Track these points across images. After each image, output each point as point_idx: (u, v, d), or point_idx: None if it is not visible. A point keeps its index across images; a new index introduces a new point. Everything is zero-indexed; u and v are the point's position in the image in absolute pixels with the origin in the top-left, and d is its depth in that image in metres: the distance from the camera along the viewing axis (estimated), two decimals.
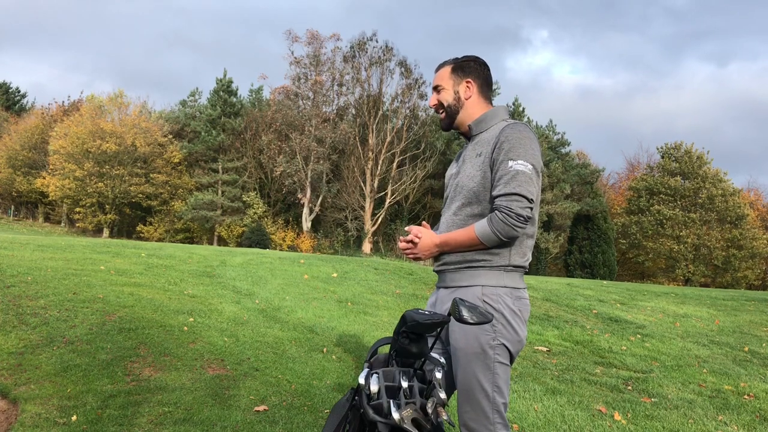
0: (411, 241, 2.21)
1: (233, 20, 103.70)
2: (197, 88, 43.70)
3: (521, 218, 1.98)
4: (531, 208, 2.01)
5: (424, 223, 2.30)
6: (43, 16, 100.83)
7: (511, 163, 2.01)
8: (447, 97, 2.26)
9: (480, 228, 2.03)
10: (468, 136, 2.27)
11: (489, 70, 2.29)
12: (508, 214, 1.98)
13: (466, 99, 2.24)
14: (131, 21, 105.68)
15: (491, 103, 2.29)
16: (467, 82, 2.24)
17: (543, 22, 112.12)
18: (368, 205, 35.78)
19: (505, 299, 2.06)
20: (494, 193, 2.04)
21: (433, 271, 2.29)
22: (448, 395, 2.24)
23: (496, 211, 2.01)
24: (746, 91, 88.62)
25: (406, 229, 2.27)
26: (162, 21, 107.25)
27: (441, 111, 2.29)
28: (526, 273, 2.26)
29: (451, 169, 2.35)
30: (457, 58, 2.28)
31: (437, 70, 2.30)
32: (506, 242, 2.04)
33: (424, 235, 2.19)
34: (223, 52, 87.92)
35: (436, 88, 2.29)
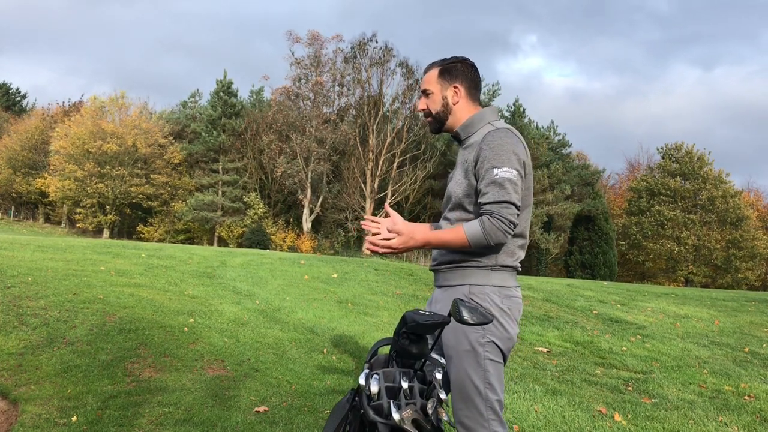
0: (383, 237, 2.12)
1: (229, 25, 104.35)
2: (198, 90, 43.83)
3: (512, 225, 2.00)
4: (518, 215, 2.04)
5: (389, 210, 2.21)
6: (42, 21, 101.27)
7: (496, 170, 2.02)
8: (435, 104, 2.26)
9: (471, 230, 2.02)
10: (458, 140, 2.28)
11: (477, 71, 2.28)
12: (501, 221, 1.99)
13: (454, 104, 2.24)
14: (129, 26, 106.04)
15: (479, 105, 2.28)
16: (454, 87, 2.23)
17: (533, 28, 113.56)
18: (368, 206, 35.78)
19: (493, 297, 2.08)
20: (483, 200, 2.03)
21: (429, 269, 2.29)
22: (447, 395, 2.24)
23: (488, 217, 2.00)
24: (734, 94, 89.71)
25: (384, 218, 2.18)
26: (159, 26, 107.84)
27: (428, 117, 2.30)
28: (525, 272, 2.26)
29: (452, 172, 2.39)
30: (444, 60, 2.27)
31: (425, 72, 2.31)
32: (492, 247, 2.05)
33: (402, 228, 2.09)
34: (219, 57, 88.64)
35: (425, 92, 2.29)
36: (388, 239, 2.10)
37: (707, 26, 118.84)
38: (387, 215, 2.23)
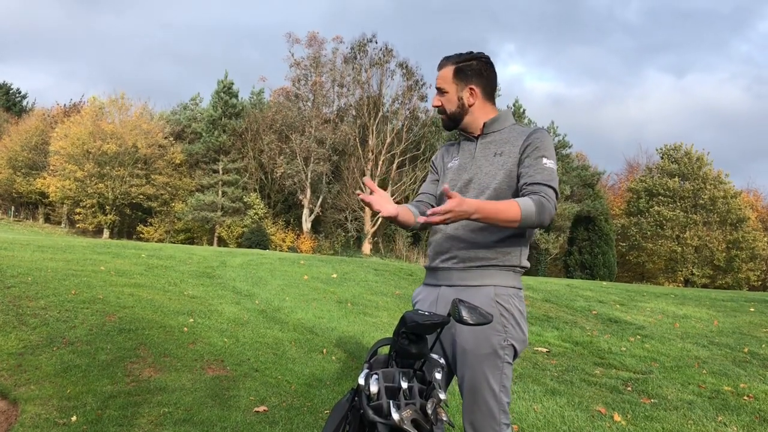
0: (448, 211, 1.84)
1: (218, 34, 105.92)
2: (198, 94, 43.91)
3: (555, 210, 2.04)
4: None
5: (374, 186, 2.15)
6: (38, 27, 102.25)
7: (545, 160, 2.07)
8: (451, 104, 2.20)
9: (525, 205, 1.93)
10: (475, 135, 2.23)
11: (493, 69, 2.20)
12: (550, 201, 2.00)
13: (470, 106, 2.19)
14: (121, 35, 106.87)
15: (494, 104, 2.24)
16: (470, 88, 2.17)
17: (507, 37, 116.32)
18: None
19: (514, 300, 2.09)
20: (532, 180, 2.03)
21: (431, 267, 2.22)
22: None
23: (540, 196, 1.97)
24: (708, 99, 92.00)
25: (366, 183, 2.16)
26: (150, 34, 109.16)
27: (443, 114, 2.24)
28: (524, 272, 2.26)
29: (450, 162, 2.29)
30: (460, 56, 2.19)
31: (440, 68, 2.22)
32: (533, 227, 2.01)
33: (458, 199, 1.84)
34: (209, 64, 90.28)
35: (440, 90, 2.21)
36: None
37: (675, 36, 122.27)
38: (372, 192, 2.11)
